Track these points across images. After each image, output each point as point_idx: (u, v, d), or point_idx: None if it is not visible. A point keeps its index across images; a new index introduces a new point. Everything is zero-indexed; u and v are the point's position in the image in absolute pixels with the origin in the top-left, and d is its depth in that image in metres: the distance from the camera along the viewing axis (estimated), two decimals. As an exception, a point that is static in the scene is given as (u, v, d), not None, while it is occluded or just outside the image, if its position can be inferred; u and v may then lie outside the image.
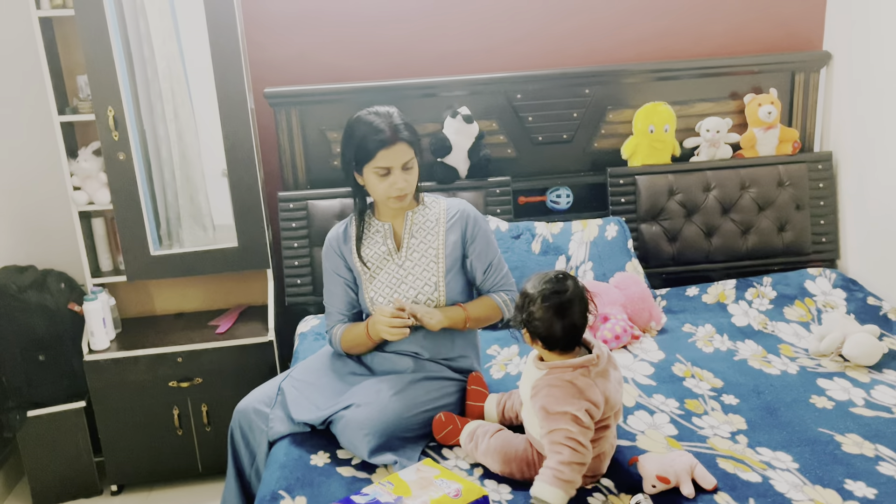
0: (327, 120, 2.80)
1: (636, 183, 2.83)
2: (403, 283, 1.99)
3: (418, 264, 2.00)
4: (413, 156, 1.94)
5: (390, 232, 2.04)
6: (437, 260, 2.00)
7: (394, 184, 1.92)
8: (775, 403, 2.00)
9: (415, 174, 1.96)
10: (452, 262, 2.01)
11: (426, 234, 2.02)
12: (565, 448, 1.55)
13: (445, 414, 1.87)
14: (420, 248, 2.01)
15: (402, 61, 2.87)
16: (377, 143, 1.89)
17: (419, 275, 1.99)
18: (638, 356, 2.29)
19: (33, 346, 2.57)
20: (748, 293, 2.66)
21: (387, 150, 1.89)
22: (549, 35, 2.91)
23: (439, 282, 1.99)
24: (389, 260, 2.02)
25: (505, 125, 2.86)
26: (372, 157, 1.89)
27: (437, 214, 2.04)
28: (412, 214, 2.04)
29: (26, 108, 2.71)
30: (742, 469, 1.70)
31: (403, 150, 1.91)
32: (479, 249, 2.02)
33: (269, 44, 2.81)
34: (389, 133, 1.89)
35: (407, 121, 1.96)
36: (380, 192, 1.94)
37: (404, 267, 2.00)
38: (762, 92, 2.91)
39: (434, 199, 2.09)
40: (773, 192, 2.83)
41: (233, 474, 1.99)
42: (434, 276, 1.99)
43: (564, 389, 1.59)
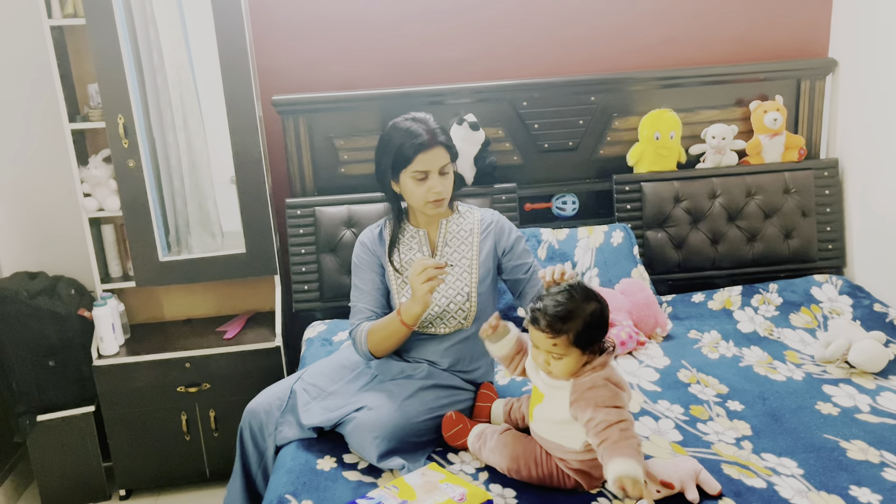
0: (335, 127, 2.82)
1: (642, 190, 2.83)
2: (436, 291, 1.99)
3: (451, 273, 2.01)
4: (449, 160, 1.96)
5: (426, 238, 2.05)
6: (471, 270, 2.01)
7: (431, 188, 1.93)
8: (780, 410, 2.00)
9: (451, 180, 1.98)
10: (485, 273, 2.02)
11: (460, 243, 2.04)
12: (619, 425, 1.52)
13: (456, 413, 1.88)
14: (454, 257, 2.03)
15: (408, 69, 2.89)
16: (416, 146, 1.90)
17: (452, 283, 2.00)
18: (643, 362, 2.30)
19: (43, 352, 2.59)
20: (754, 300, 2.66)
21: (425, 153, 1.91)
22: (554, 43, 2.93)
23: (472, 292, 2.00)
24: None
25: (511, 132, 2.88)
26: (410, 161, 1.91)
27: (472, 224, 2.06)
28: (446, 223, 2.05)
29: (37, 115, 2.75)
30: (747, 475, 1.70)
31: (441, 153, 1.93)
32: (517, 253, 2.04)
33: (277, 52, 2.84)
34: (428, 137, 1.91)
35: (443, 126, 1.98)
36: (417, 197, 1.95)
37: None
38: (768, 99, 2.91)
39: (468, 208, 2.11)
40: (778, 199, 2.83)
41: (239, 473, 2.00)
42: (467, 285, 2.00)
43: (608, 388, 1.58)
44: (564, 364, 1.61)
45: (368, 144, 2.83)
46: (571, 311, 1.59)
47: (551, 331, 1.58)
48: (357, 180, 2.85)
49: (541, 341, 1.61)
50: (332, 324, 2.65)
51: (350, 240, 2.72)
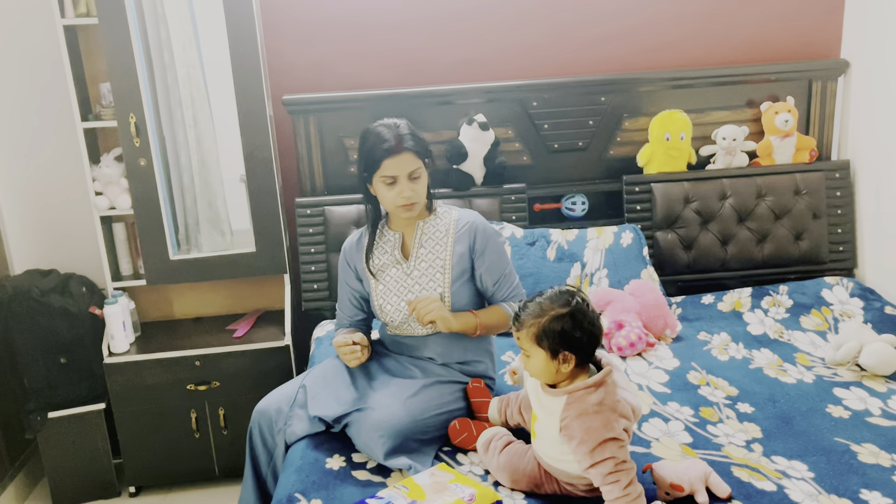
0: (345, 127, 2.82)
1: (652, 191, 2.83)
2: (410, 291, 2.02)
3: (425, 274, 2.02)
4: (420, 165, 1.96)
5: (399, 241, 2.07)
6: (444, 270, 2.02)
7: (400, 192, 1.95)
8: (791, 412, 2.00)
9: (422, 183, 1.99)
10: (459, 273, 2.02)
11: (434, 244, 2.04)
12: (621, 474, 1.50)
13: (460, 421, 1.88)
14: (428, 257, 2.04)
15: (418, 69, 2.90)
16: (382, 152, 1.93)
17: (425, 284, 2.02)
18: (653, 364, 2.29)
19: (55, 349, 2.61)
20: (764, 302, 2.65)
21: (391, 159, 1.93)
22: (565, 43, 2.93)
23: (445, 292, 2.01)
24: (397, 269, 2.05)
25: (521, 132, 2.87)
26: (378, 165, 1.94)
27: (447, 225, 2.06)
28: (423, 224, 2.06)
29: (50, 114, 2.76)
30: (757, 478, 1.69)
31: (409, 159, 1.94)
32: (488, 262, 2.03)
33: (287, 51, 2.85)
34: (394, 143, 1.93)
35: (415, 132, 2.00)
36: (388, 201, 1.99)
37: (412, 276, 2.03)
38: (779, 100, 2.90)
39: (447, 209, 2.10)
40: (789, 200, 2.82)
41: (250, 475, 2.01)
42: (440, 286, 2.01)
43: (600, 415, 1.52)
44: (534, 364, 1.60)
45: (378, 144, 2.83)
46: (540, 308, 1.58)
47: (516, 323, 1.62)
48: (367, 180, 2.85)
49: (515, 336, 1.64)
50: (342, 323, 2.65)
51: (359, 239, 2.72)
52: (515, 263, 2.59)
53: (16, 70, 2.73)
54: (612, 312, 2.43)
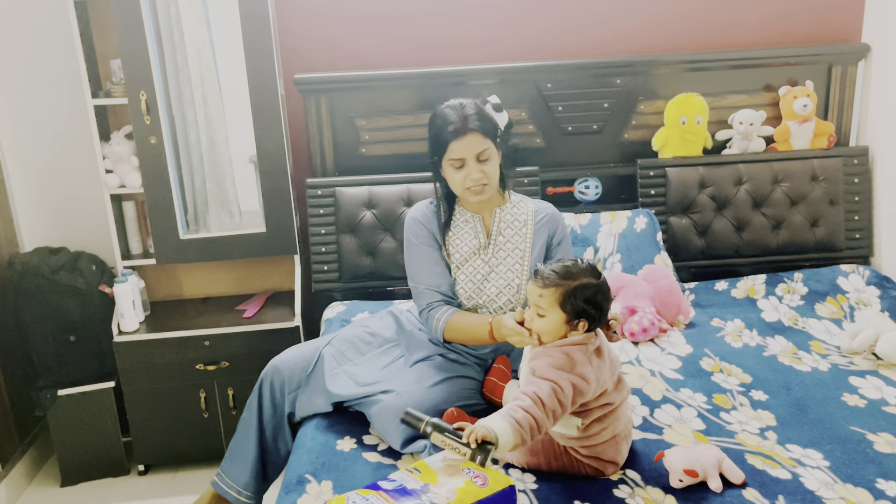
0: (356, 107, 2.80)
1: (666, 175, 2.79)
2: (487, 280, 1.98)
3: (503, 263, 1.99)
4: (488, 146, 1.91)
5: (481, 225, 2.02)
6: (523, 261, 1.99)
7: (468, 175, 1.90)
8: (806, 400, 1.97)
9: (493, 166, 1.94)
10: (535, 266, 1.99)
11: (513, 233, 2.01)
12: (527, 398, 1.52)
13: (457, 410, 1.84)
14: (507, 247, 2.00)
15: (432, 49, 2.86)
16: (448, 134, 1.89)
17: (503, 274, 1.98)
18: (665, 350, 2.27)
19: (64, 327, 2.61)
20: (778, 289, 2.62)
21: (458, 140, 1.88)
22: (580, 24, 2.88)
23: (522, 284, 1.98)
24: (476, 255, 2.00)
25: (534, 114, 2.84)
26: (445, 148, 1.90)
27: (526, 214, 2.02)
28: (500, 211, 2.02)
29: (61, 91, 2.74)
30: (771, 465, 1.68)
31: (476, 140, 1.89)
32: (564, 247, 2.01)
33: (299, 29, 2.81)
34: (460, 124, 1.88)
35: (483, 111, 1.94)
36: (457, 185, 1.94)
37: (490, 264, 1.99)
38: (798, 84, 2.85)
39: (521, 198, 2.07)
40: (806, 186, 2.78)
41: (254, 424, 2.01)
42: (518, 277, 1.98)
43: (558, 359, 1.57)
44: (546, 323, 1.62)
45: (389, 125, 2.80)
46: (569, 272, 1.61)
47: (543, 280, 1.61)
48: (378, 161, 2.83)
49: (532, 294, 1.64)
50: (352, 304, 2.64)
51: (370, 221, 2.70)
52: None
53: (27, 46, 2.71)
54: (625, 298, 2.41)
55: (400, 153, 2.83)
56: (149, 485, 2.70)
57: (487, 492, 1.49)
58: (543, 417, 1.51)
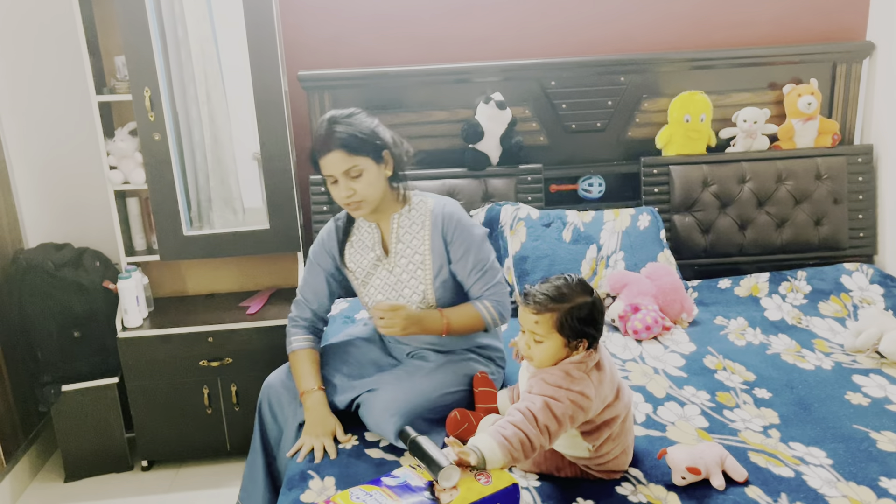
0: (360, 104, 2.75)
1: (670, 173, 2.79)
2: (394, 289, 1.95)
3: (406, 270, 1.94)
4: (356, 163, 1.81)
5: (378, 236, 1.98)
6: (424, 266, 1.93)
7: (339, 192, 1.84)
8: (809, 398, 1.97)
9: (366, 181, 1.83)
10: (439, 268, 1.93)
11: (412, 238, 1.95)
12: (518, 413, 1.49)
13: (460, 411, 1.83)
14: (407, 253, 1.94)
15: (436, 46, 2.86)
16: (315, 151, 1.84)
17: (407, 282, 1.94)
18: (669, 347, 2.27)
19: (69, 323, 2.61)
20: (782, 287, 2.62)
21: (324, 158, 1.82)
22: (584, 22, 2.88)
23: (427, 289, 1.93)
24: (380, 265, 1.97)
25: (538, 112, 2.84)
26: (317, 165, 1.86)
27: (423, 216, 1.95)
28: (398, 217, 1.95)
29: (65, 87, 2.75)
30: (774, 463, 1.68)
31: (340, 157, 1.80)
32: (460, 253, 1.92)
33: (302, 26, 2.81)
34: (322, 142, 1.82)
35: (353, 125, 1.83)
36: (336, 199, 1.88)
37: (394, 273, 1.95)
38: (802, 82, 2.85)
39: (422, 198, 1.98)
40: (810, 185, 2.78)
41: (259, 449, 2.00)
42: (421, 283, 1.93)
43: (555, 376, 1.53)
44: (545, 350, 1.56)
45: (393, 122, 2.80)
46: (562, 293, 1.55)
47: (536, 306, 1.55)
48: (381, 158, 2.83)
49: (526, 320, 1.58)
50: (355, 301, 2.64)
51: (374, 218, 2.71)
52: (530, 245, 2.57)
53: (31, 43, 2.71)
54: (629, 295, 2.41)
55: (403, 150, 2.83)
56: (152, 480, 2.71)
57: (490, 489, 1.49)
58: (536, 433, 1.46)
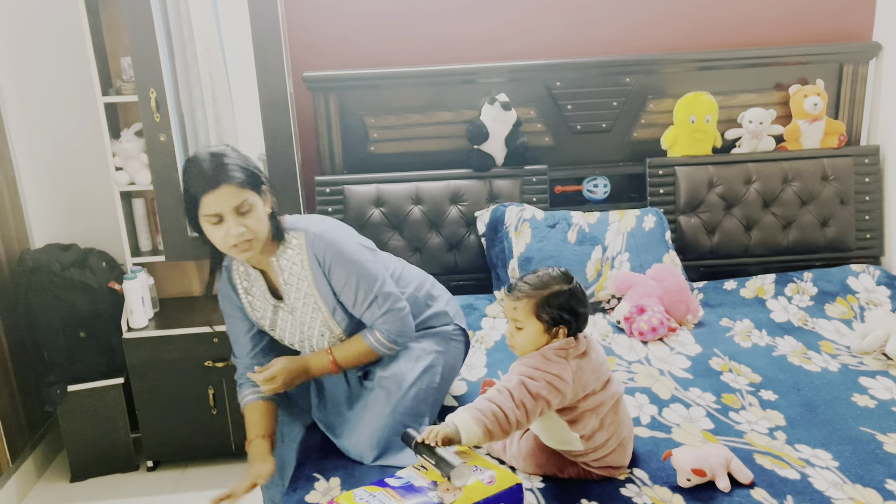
0: (366, 105, 2.80)
1: (675, 174, 2.78)
2: (300, 331, 1.86)
3: (304, 312, 1.83)
4: (246, 198, 1.67)
5: (264, 283, 1.85)
6: (318, 307, 1.82)
7: (228, 231, 1.66)
8: (815, 400, 1.96)
9: (256, 217, 1.69)
10: (333, 305, 1.82)
11: (297, 280, 1.80)
12: (494, 391, 1.54)
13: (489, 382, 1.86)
14: (300, 297, 1.82)
15: (441, 47, 2.86)
16: (200, 187, 1.65)
17: (309, 323, 1.84)
18: (674, 349, 2.27)
19: (75, 323, 2.62)
20: (788, 289, 2.61)
21: (210, 194, 1.64)
22: (590, 22, 2.87)
23: (332, 325, 1.84)
24: (279, 310, 1.85)
25: (543, 113, 2.84)
26: (198, 203, 1.66)
27: (300, 254, 1.79)
28: (277, 261, 1.80)
29: (71, 88, 2.76)
30: (780, 465, 1.67)
31: (231, 192, 1.65)
32: (341, 284, 1.79)
33: (308, 27, 2.82)
34: (212, 174, 1.64)
35: (243, 158, 1.72)
36: (218, 242, 1.70)
37: (295, 315, 1.84)
38: (808, 83, 2.84)
39: (294, 233, 1.80)
40: (816, 186, 2.77)
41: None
42: (321, 323, 1.84)
43: (532, 359, 1.58)
44: (525, 336, 1.62)
45: (398, 123, 2.81)
46: (542, 281, 1.62)
47: (516, 293, 1.62)
48: (386, 159, 2.83)
49: (507, 308, 1.65)
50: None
51: (378, 219, 2.71)
52: (535, 246, 2.56)
53: (38, 44, 2.72)
54: (634, 296, 2.41)
55: (409, 151, 2.84)
56: (157, 481, 2.72)
57: (494, 489, 1.49)
58: (511, 406, 1.51)
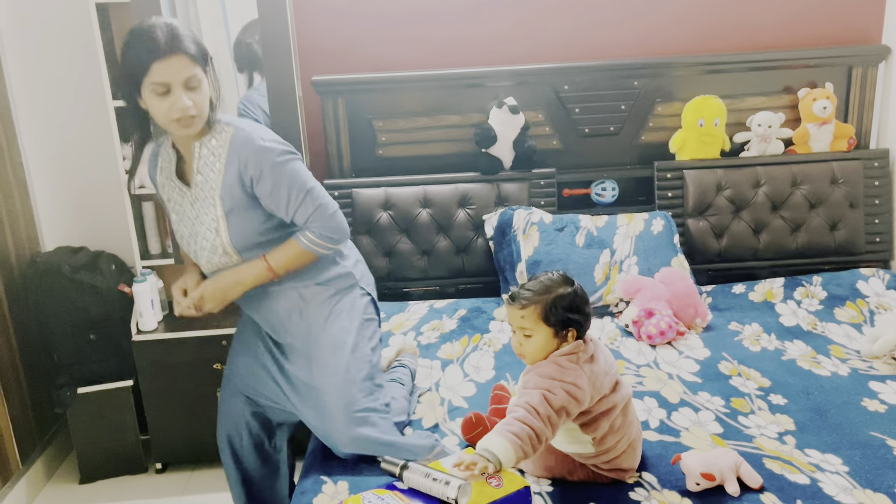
0: (373, 109, 2.81)
1: (684, 177, 2.78)
2: (192, 224, 1.80)
3: (203, 205, 1.78)
4: (197, 72, 1.67)
5: (173, 163, 1.82)
6: (214, 201, 1.76)
7: (174, 104, 1.64)
8: (825, 405, 1.96)
9: (204, 96, 1.70)
10: (232, 204, 1.76)
11: (209, 170, 1.76)
12: (520, 409, 1.52)
13: (476, 415, 1.82)
14: (204, 185, 1.77)
15: (449, 50, 2.87)
16: (152, 53, 1.62)
17: (202, 218, 1.79)
18: (683, 353, 2.26)
19: (84, 325, 2.63)
20: (797, 292, 2.60)
21: (162, 61, 1.62)
22: (597, 25, 2.88)
23: (219, 226, 1.77)
24: (183, 196, 1.81)
25: (551, 116, 2.84)
26: (146, 70, 1.62)
27: (223, 146, 1.75)
28: (200, 146, 1.76)
29: (82, 93, 2.78)
30: (790, 470, 1.66)
31: (184, 63, 1.64)
32: (268, 188, 1.75)
33: (316, 30, 2.83)
34: (165, 42, 1.62)
35: (194, 34, 1.71)
36: (160, 115, 1.67)
37: (195, 206, 1.79)
38: (817, 86, 2.83)
39: (226, 124, 1.78)
40: (825, 189, 2.76)
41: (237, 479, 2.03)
42: (213, 220, 1.77)
43: (546, 369, 1.58)
44: (534, 343, 1.61)
45: (406, 126, 2.81)
46: (544, 286, 1.62)
47: (521, 301, 1.61)
48: (395, 162, 2.84)
49: (513, 318, 1.64)
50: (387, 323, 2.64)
51: (386, 222, 2.71)
52: (543, 249, 2.56)
53: (49, 49, 2.74)
54: (642, 300, 2.40)
55: (417, 155, 2.84)
56: (166, 483, 2.72)
57: (502, 493, 1.49)
58: (541, 425, 1.50)
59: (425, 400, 2.07)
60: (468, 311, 2.57)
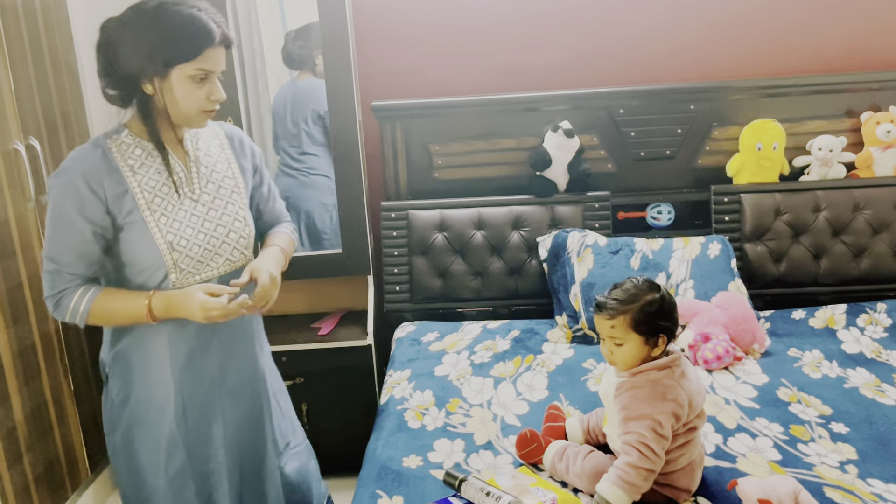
0: (430, 133, 2.87)
1: (741, 201, 2.75)
2: (207, 220, 1.66)
3: (218, 196, 1.69)
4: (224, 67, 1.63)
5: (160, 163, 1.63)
6: (238, 189, 1.73)
7: (211, 93, 1.57)
8: (889, 434, 1.90)
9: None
10: (248, 191, 1.78)
11: (214, 160, 1.72)
12: (634, 451, 1.54)
13: (531, 432, 1.83)
14: (214, 177, 1.70)
15: (505, 74, 2.92)
16: (208, 37, 1.53)
17: (224, 209, 1.69)
18: (740, 378, 2.23)
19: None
20: (860, 319, 2.54)
21: (215, 49, 1.54)
22: (653, 49, 2.89)
23: (246, 215, 1.74)
24: (182, 195, 1.65)
25: (606, 140, 2.85)
26: (196, 55, 1.52)
27: (213, 135, 1.75)
28: (194, 140, 1.70)
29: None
30: (851, 500, 1.63)
31: (224, 56, 1.60)
32: (258, 179, 1.83)
33: (377, 57, 2.92)
34: (220, 31, 1.55)
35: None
36: (191, 102, 1.56)
37: (202, 201, 1.67)
38: (881, 110, 2.78)
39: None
40: (890, 214, 2.69)
41: None
42: (241, 209, 1.73)
43: (649, 390, 1.57)
44: (625, 351, 1.62)
45: (462, 150, 2.87)
46: (632, 294, 1.63)
47: (610, 311, 1.62)
48: (450, 185, 2.89)
49: (603, 328, 1.65)
50: (421, 325, 2.69)
51: (441, 243, 2.76)
52: (598, 272, 2.57)
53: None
54: (699, 324, 2.38)
55: (471, 177, 2.89)
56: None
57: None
58: (657, 460, 1.54)
59: (477, 415, 2.10)
60: (521, 332, 2.58)
